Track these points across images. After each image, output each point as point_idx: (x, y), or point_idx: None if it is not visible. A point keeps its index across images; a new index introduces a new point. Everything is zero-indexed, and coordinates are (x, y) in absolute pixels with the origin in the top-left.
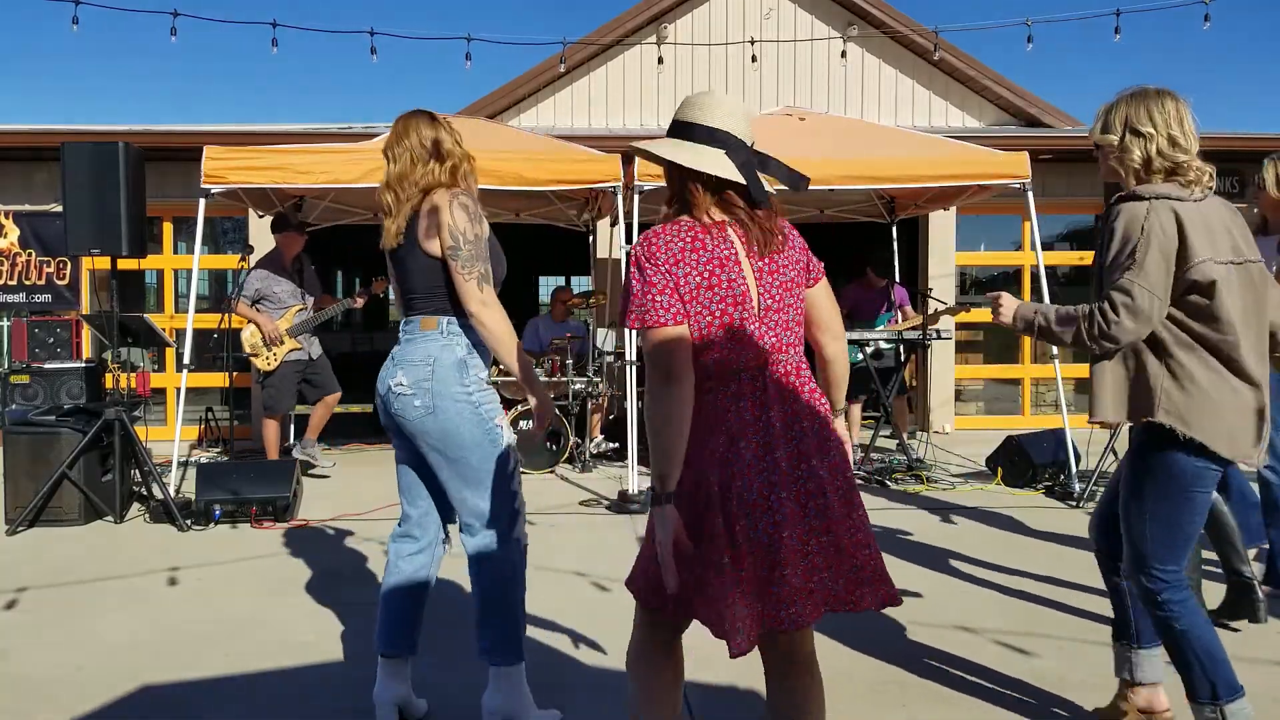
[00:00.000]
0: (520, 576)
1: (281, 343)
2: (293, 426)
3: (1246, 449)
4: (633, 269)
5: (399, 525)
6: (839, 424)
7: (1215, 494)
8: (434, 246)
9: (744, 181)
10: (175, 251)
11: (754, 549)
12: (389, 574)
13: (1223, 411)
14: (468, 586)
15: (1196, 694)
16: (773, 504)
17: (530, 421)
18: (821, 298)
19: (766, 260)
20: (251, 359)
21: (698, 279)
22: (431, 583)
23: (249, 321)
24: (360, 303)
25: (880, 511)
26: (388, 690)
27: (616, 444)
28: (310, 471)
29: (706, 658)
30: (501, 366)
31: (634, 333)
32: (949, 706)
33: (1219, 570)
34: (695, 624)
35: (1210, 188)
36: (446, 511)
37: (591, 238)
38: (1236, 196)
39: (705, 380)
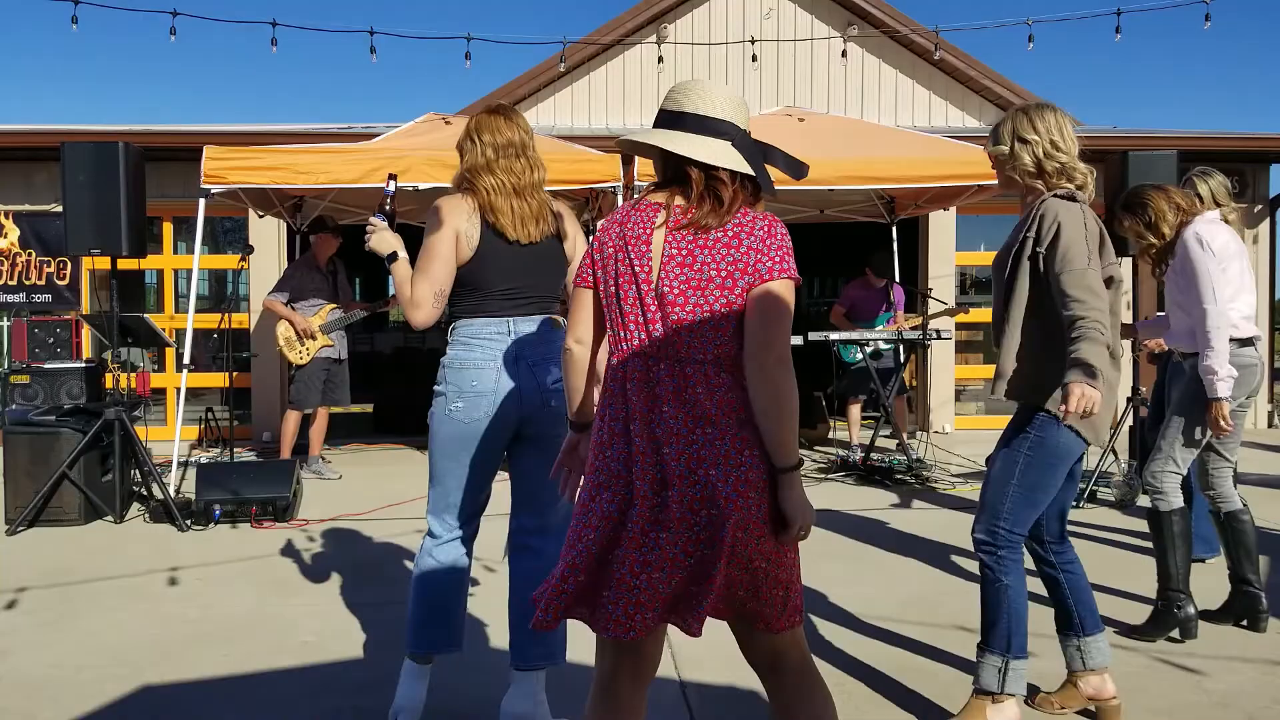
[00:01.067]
0: None
1: (314, 338)
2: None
3: (1104, 436)
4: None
5: (460, 526)
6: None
7: (1242, 504)
8: (569, 250)
9: (753, 173)
10: (175, 251)
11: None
12: (442, 573)
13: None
14: (470, 588)
15: (992, 645)
16: (634, 488)
17: None
18: (757, 300)
19: (686, 250)
20: (285, 353)
21: (610, 251)
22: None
23: (282, 317)
24: (386, 309)
25: (880, 511)
26: (415, 695)
27: None
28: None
29: (705, 658)
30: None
31: None
32: (949, 706)
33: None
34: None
35: (1092, 193)
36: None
37: (592, 238)
38: (1237, 196)
39: (612, 352)
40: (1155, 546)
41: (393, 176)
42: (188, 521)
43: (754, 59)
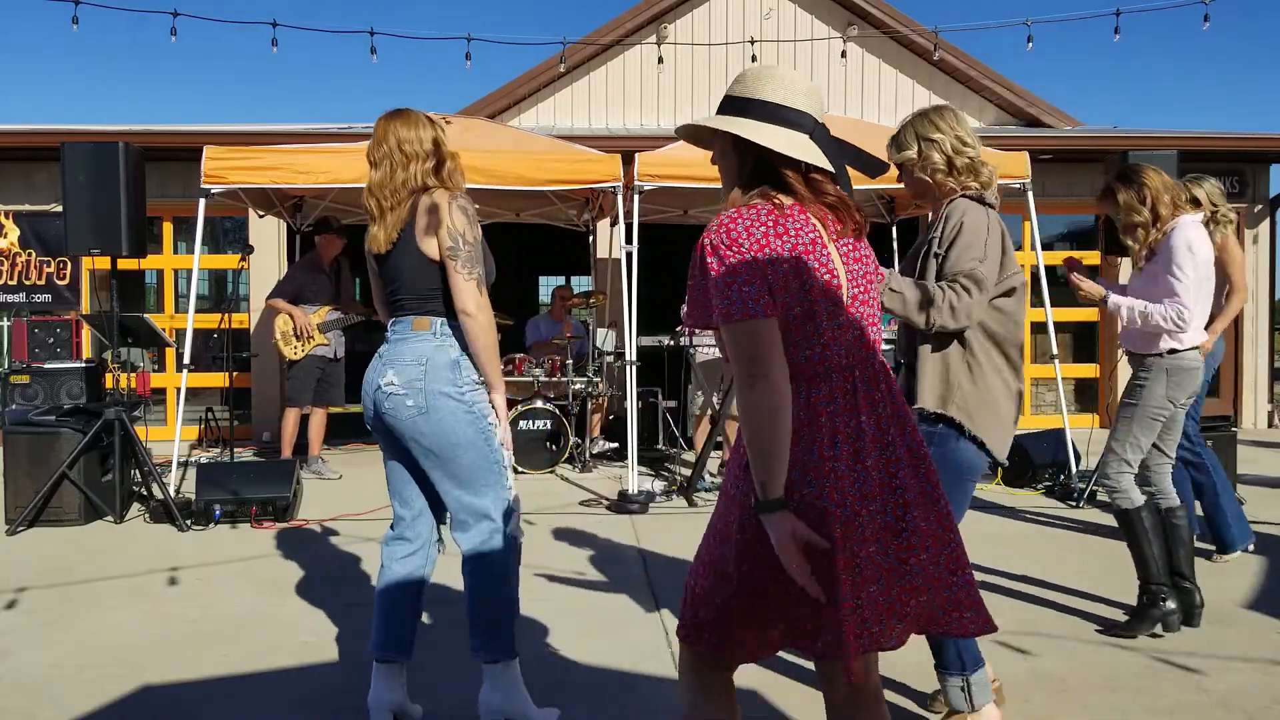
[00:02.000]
0: (513, 573)
1: (311, 337)
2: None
3: (1005, 451)
4: (710, 257)
5: (391, 528)
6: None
7: (1179, 501)
8: (431, 247)
9: (832, 169)
10: (175, 251)
11: (847, 565)
12: (383, 577)
13: (1001, 413)
14: (460, 587)
15: (947, 666)
16: (863, 518)
17: (532, 421)
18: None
19: (851, 246)
20: (280, 347)
21: (786, 266)
22: (426, 584)
23: (283, 312)
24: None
25: None
26: (383, 696)
27: (616, 444)
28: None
29: None
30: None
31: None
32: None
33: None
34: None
35: (995, 188)
36: (439, 512)
37: (591, 238)
38: (1237, 196)
39: (792, 380)
40: (1129, 545)
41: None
42: (188, 521)
43: (754, 59)
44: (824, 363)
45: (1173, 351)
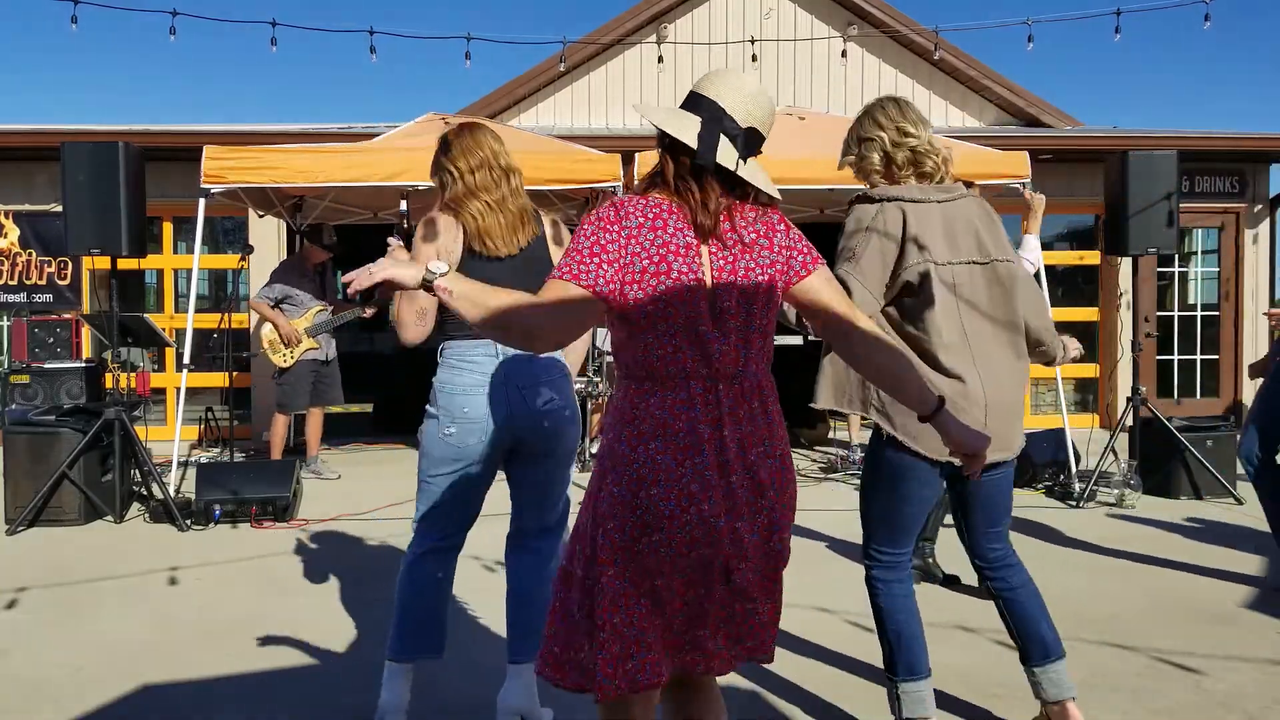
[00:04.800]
0: None
1: (299, 342)
2: (291, 429)
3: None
4: (586, 224)
5: (447, 537)
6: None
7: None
8: (556, 258)
9: (693, 145)
10: (175, 251)
11: (699, 579)
12: (426, 582)
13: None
14: (457, 584)
15: (886, 669)
16: (737, 533)
17: None
18: (817, 287)
19: (729, 259)
20: (270, 356)
21: (646, 262)
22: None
23: (266, 320)
24: (370, 313)
25: None
26: (399, 696)
27: None
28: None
29: None
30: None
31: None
32: (949, 706)
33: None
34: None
35: (949, 173)
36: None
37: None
38: (1236, 196)
39: (648, 379)
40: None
41: (404, 197)
42: (188, 521)
43: (754, 59)
44: (682, 365)
45: None
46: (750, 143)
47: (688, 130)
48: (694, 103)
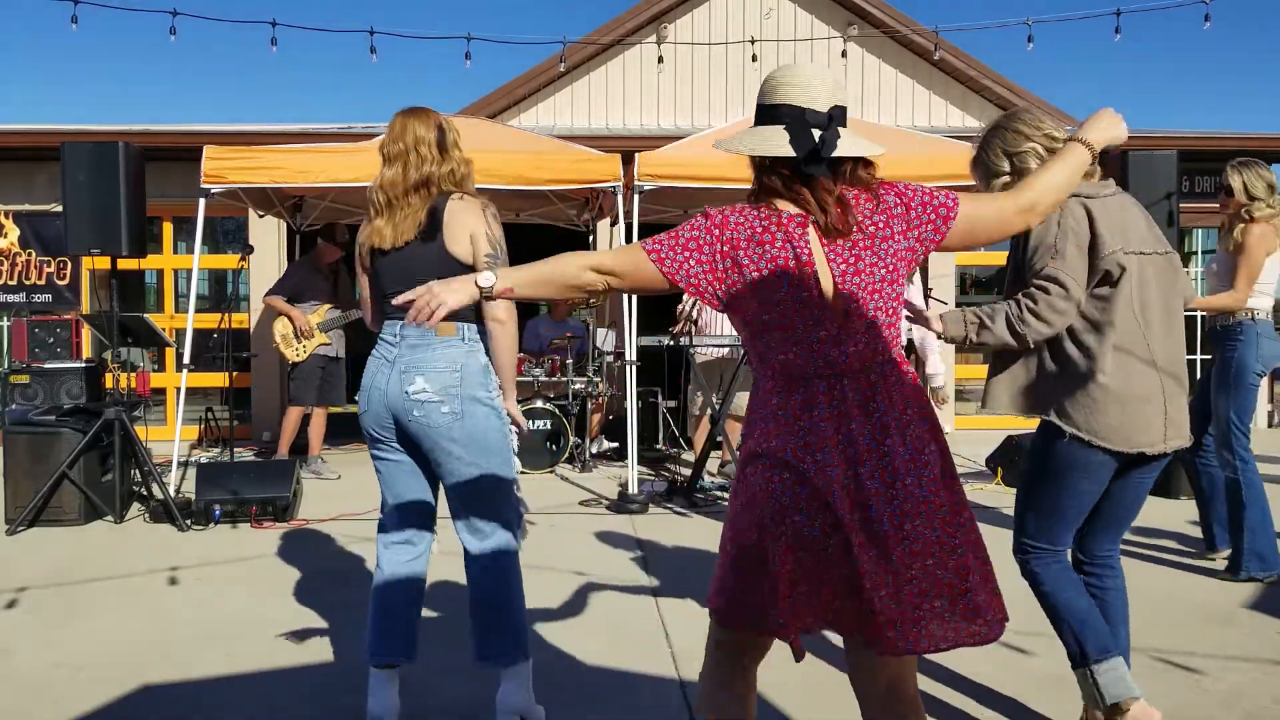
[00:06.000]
0: (520, 576)
1: (311, 337)
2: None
3: (1139, 440)
4: (695, 219)
5: (392, 531)
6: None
7: None
8: (462, 251)
9: (792, 154)
10: (175, 251)
11: (837, 561)
12: (384, 581)
13: (1109, 406)
14: (448, 585)
15: (1072, 660)
16: (860, 521)
17: (532, 421)
18: (969, 213)
19: (845, 250)
20: (282, 349)
21: (755, 274)
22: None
23: (281, 314)
24: None
25: None
26: (389, 701)
27: (616, 444)
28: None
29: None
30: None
31: (631, 332)
32: (949, 707)
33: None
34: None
35: (1098, 171)
36: (433, 515)
37: (591, 238)
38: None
39: (776, 378)
40: None
41: None
42: (188, 521)
43: (754, 59)
44: (804, 369)
45: None
46: (837, 119)
47: (778, 144)
48: (769, 114)
